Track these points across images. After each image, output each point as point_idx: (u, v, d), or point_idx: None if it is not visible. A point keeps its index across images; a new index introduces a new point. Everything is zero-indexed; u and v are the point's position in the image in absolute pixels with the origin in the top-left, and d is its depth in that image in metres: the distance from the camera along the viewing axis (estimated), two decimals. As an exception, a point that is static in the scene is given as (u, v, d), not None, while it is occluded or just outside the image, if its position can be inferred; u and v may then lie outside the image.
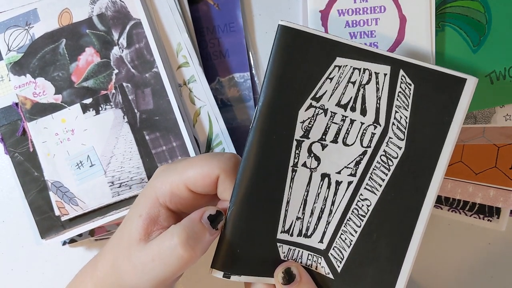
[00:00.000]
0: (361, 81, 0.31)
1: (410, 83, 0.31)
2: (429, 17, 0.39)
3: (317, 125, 0.31)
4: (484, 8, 0.40)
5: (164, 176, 0.32)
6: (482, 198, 0.43)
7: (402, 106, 0.31)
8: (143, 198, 0.33)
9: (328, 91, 0.31)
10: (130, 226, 0.32)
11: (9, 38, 0.43)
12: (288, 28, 0.30)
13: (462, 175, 0.43)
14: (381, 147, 0.31)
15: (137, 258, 0.31)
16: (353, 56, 0.31)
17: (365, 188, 0.31)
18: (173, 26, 0.43)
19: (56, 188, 0.43)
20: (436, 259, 0.48)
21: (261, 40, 0.46)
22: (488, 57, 0.40)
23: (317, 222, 0.32)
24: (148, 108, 0.43)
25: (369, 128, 0.31)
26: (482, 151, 0.42)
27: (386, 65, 0.31)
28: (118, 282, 0.33)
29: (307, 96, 0.31)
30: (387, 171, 0.31)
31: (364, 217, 0.31)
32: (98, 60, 0.43)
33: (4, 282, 0.48)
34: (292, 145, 0.31)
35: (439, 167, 0.31)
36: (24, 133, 0.44)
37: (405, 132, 0.31)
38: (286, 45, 0.30)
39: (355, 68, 0.31)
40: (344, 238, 0.32)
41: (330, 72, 0.31)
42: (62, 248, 0.48)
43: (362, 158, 0.31)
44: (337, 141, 0.31)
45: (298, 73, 0.31)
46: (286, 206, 0.32)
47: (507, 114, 0.41)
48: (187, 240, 0.30)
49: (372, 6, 0.39)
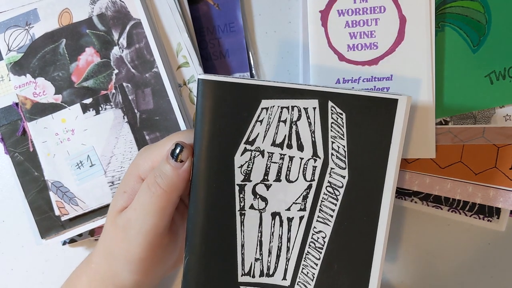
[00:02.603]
0: (292, 119, 0.31)
1: (341, 113, 0.31)
2: (429, 17, 0.39)
3: (256, 167, 0.32)
4: (484, 8, 0.40)
5: (145, 154, 0.34)
6: (481, 198, 0.43)
7: (338, 136, 0.31)
8: (127, 176, 0.35)
9: (261, 133, 0.31)
10: (115, 204, 0.34)
11: (9, 38, 0.43)
12: (208, 82, 0.31)
13: (462, 175, 0.43)
14: (325, 179, 0.31)
15: (122, 218, 0.33)
16: (277, 96, 0.31)
17: (318, 221, 0.32)
18: (173, 26, 0.43)
19: (56, 188, 0.43)
20: (436, 259, 0.48)
21: (261, 40, 0.46)
22: (488, 57, 0.40)
23: (277, 260, 0.32)
24: (148, 108, 0.43)
25: (309, 162, 0.31)
26: (482, 151, 0.42)
27: (313, 99, 0.31)
28: (110, 265, 0.34)
29: (240, 141, 0.31)
30: (335, 201, 0.32)
31: (321, 249, 0.32)
32: (98, 60, 0.43)
33: (4, 282, 0.48)
34: (235, 190, 0.32)
35: (387, 189, 0.31)
36: (24, 133, 0.44)
37: (345, 160, 0.31)
38: (210, 96, 0.31)
39: (282, 107, 0.31)
40: (306, 272, 0.32)
41: (259, 115, 0.31)
42: (62, 248, 0.48)
43: (309, 192, 0.32)
44: (280, 179, 0.32)
45: (226, 121, 0.31)
46: (242, 249, 0.32)
47: (507, 114, 0.41)
48: (155, 179, 0.32)
49: (372, 6, 0.39)
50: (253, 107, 0.31)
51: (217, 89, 0.31)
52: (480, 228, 0.47)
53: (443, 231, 0.48)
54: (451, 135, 0.42)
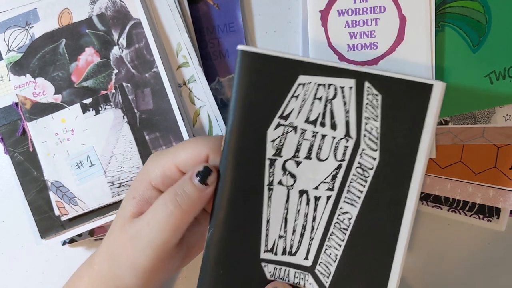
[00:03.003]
0: (327, 97, 0.31)
1: (377, 94, 0.31)
2: (429, 17, 0.39)
3: (288, 143, 0.31)
4: (484, 8, 0.40)
5: (157, 160, 0.33)
6: (481, 198, 0.43)
7: (372, 117, 0.31)
8: (137, 182, 0.34)
9: (295, 109, 0.31)
10: (124, 209, 0.33)
11: (9, 38, 0.43)
12: (248, 53, 0.31)
13: (462, 175, 0.43)
14: (355, 160, 0.31)
15: (132, 227, 0.32)
16: (315, 72, 0.31)
17: (345, 201, 0.32)
18: (173, 26, 0.43)
19: (56, 188, 0.43)
20: (436, 259, 0.48)
21: (261, 40, 0.46)
22: (488, 57, 0.40)
23: (300, 239, 0.32)
24: (148, 108, 0.43)
25: (341, 141, 0.31)
26: (482, 151, 0.42)
27: (350, 79, 0.31)
28: (113, 269, 0.33)
29: (275, 115, 0.31)
30: (364, 183, 0.31)
31: (346, 230, 0.31)
32: (98, 60, 0.43)
33: (4, 282, 0.48)
34: (265, 164, 0.31)
35: (415, 176, 0.31)
36: (24, 133, 0.44)
37: (377, 142, 0.31)
38: (248, 68, 0.31)
39: (319, 84, 0.31)
40: (329, 253, 0.32)
41: (295, 90, 0.31)
42: (62, 248, 0.48)
43: (338, 172, 0.32)
44: (311, 157, 0.32)
45: (262, 94, 0.31)
46: (267, 225, 0.32)
47: (507, 114, 0.41)
48: (175, 197, 0.31)
49: (372, 6, 0.39)
50: (290, 82, 0.31)
51: (256, 61, 0.31)
52: (480, 228, 0.47)
53: (443, 231, 0.48)
54: (451, 135, 0.42)
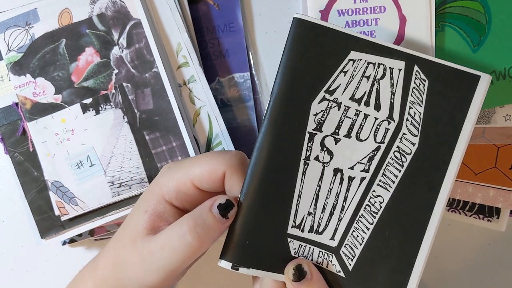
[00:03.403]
0: (376, 76, 0.31)
1: (424, 79, 0.30)
2: (429, 17, 0.39)
3: (330, 119, 0.31)
4: (484, 8, 0.40)
5: (170, 173, 0.32)
6: (482, 198, 0.43)
7: (416, 102, 0.30)
8: (149, 195, 0.32)
9: (342, 84, 0.31)
10: (135, 222, 0.32)
11: (9, 38, 0.43)
12: (303, 21, 0.30)
13: (462, 175, 0.43)
14: (394, 143, 0.31)
15: (145, 248, 0.31)
16: (367, 50, 0.30)
17: (378, 185, 0.31)
18: (173, 26, 0.43)
19: (56, 188, 0.43)
20: (436, 259, 0.48)
21: (261, 40, 0.46)
22: (488, 57, 0.40)
23: (329, 218, 0.31)
24: (148, 108, 0.43)
25: (383, 123, 0.31)
26: (482, 151, 0.42)
27: (400, 61, 0.30)
28: (120, 280, 0.32)
29: (321, 89, 0.31)
30: (400, 168, 0.31)
31: (376, 214, 0.31)
32: (98, 60, 0.43)
33: (4, 282, 0.48)
34: (305, 137, 0.31)
35: (452, 165, 0.30)
36: (24, 133, 0.44)
37: (419, 128, 0.31)
38: (301, 38, 0.30)
39: (369, 62, 0.31)
40: (356, 236, 0.31)
41: (344, 65, 0.31)
42: (62, 248, 0.48)
43: (376, 154, 0.31)
44: (351, 136, 0.31)
45: (312, 65, 0.30)
46: (298, 200, 0.31)
47: (507, 114, 0.41)
48: (195, 228, 0.30)
49: (372, 6, 0.39)
50: (341, 57, 0.30)
51: (311, 31, 0.30)
52: (480, 228, 0.47)
53: (443, 231, 0.48)
54: (451, 135, 0.42)
